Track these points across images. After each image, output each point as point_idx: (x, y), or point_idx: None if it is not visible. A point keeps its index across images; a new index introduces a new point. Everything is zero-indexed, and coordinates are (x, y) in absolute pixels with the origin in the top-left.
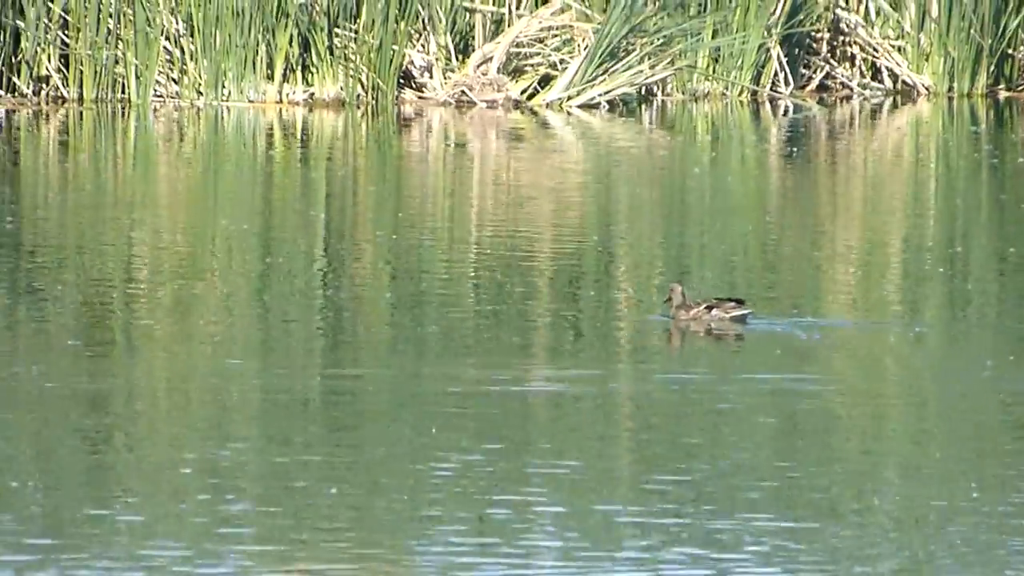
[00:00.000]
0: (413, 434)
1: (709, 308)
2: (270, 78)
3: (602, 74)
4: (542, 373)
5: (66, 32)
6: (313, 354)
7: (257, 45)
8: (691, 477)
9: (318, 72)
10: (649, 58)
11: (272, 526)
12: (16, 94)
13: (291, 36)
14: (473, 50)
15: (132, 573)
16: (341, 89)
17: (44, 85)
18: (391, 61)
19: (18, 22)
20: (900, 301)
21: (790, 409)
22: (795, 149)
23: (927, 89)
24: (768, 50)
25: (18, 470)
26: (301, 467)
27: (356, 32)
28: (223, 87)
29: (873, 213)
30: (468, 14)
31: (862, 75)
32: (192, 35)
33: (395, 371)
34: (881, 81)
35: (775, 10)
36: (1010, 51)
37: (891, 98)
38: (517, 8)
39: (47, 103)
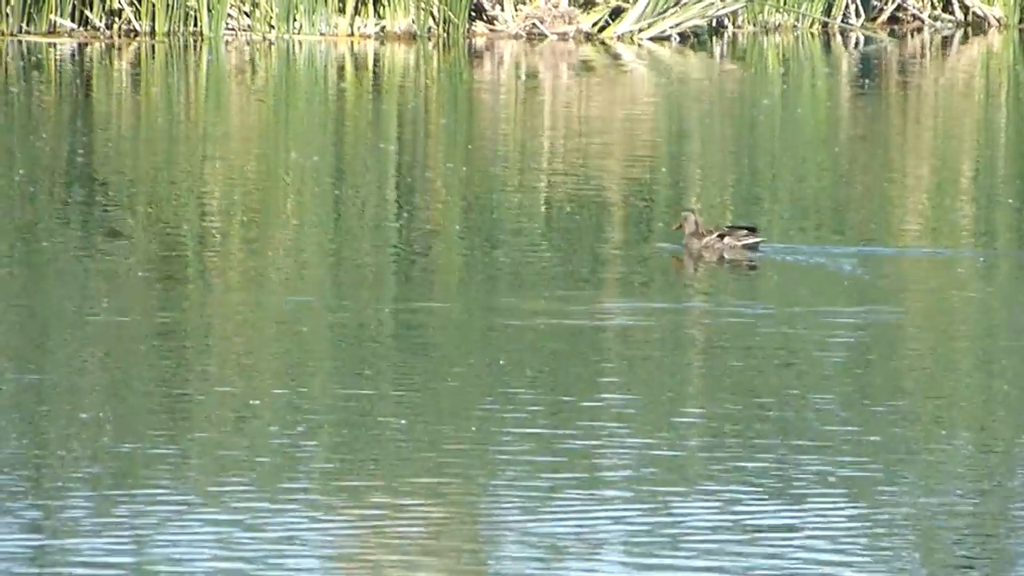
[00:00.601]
0: (483, 367)
1: (721, 236)
2: (342, 11)
3: (673, 6)
4: (606, 306)
5: None
6: (384, 287)
7: None
8: (767, 412)
9: (389, 5)
10: None
11: (343, 461)
12: (89, 27)
13: None
14: None
15: (205, 509)
16: (412, 22)
17: (116, 18)
18: None
19: None
20: (965, 230)
21: (858, 343)
22: (866, 81)
23: (998, 21)
24: None
25: (89, 404)
26: (373, 400)
27: None
28: (295, 20)
29: (943, 144)
30: None
31: (933, 7)
32: None
33: (466, 304)
34: (952, 13)
35: None
36: None
37: (962, 30)
38: None
39: (119, 36)
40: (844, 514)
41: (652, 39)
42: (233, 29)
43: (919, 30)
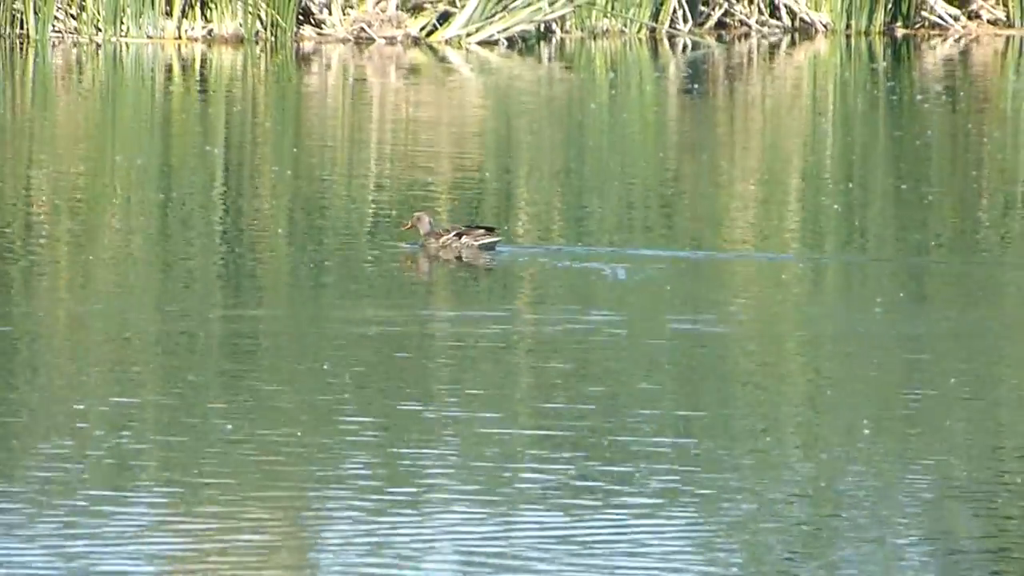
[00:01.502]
0: (307, 373)
1: (459, 235)
2: (169, 14)
3: (501, 11)
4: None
5: None
6: (210, 292)
7: None
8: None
9: (217, 8)
10: None
11: (171, 468)
12: None
13: None
14: None
15: (38, 522)
16: (240, 25)
17: None
18: None
19: None
20: (783, 234)
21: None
22: (694, 86)
23: (825, 27)
24: None
25: None
26: (197, 407)
27: None
28: (122, 23)
29: (769, 149)
30: None
31: (760, 13)
32: None
33: (290, 310)
34: (779, 19)
35: None
36: None
37: (789, 36)
38: None
39: None
40: (672, 525)
41: (480, 44)
42: (60, 31)
43: (747, 36)
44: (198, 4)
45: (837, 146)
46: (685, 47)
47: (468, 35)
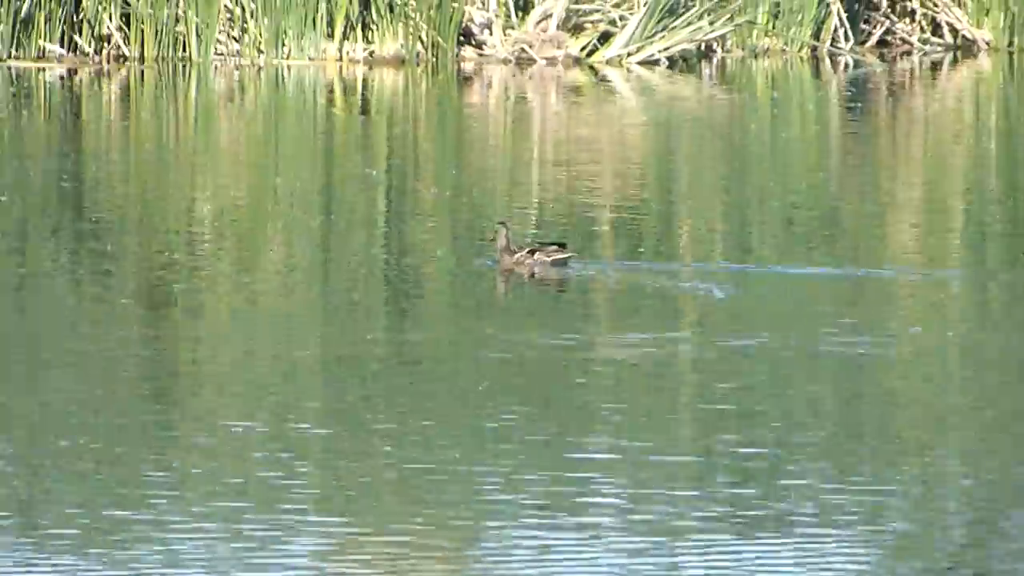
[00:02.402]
0: (466, 397)
1: (531, 252)
2: (330, 36)
3: (661, 30)
4: (602, 337)
5: None
6: (373, 316)
7: (317, 3)
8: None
9: (378, 29)
10: (709, 14)
11: (331, 491)
12: (78, 53)
13: None
14: (532, 7)
15: (194, 541)
16: (401, 47)
17: (105, 44)
18: (451, 18)
19: None
20: (943, 252)
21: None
22: (856, 105)
23: (987, 44)
24: (828, 5)
25: (78, 431)
26: (360, 432)
27: None
28: (283, 45)
29: (932, 167)
30: None
31: (922, 30)
32: None
33: (452, 334)
34: (941, 36)
35: None
36: None
37: (951, 53)
38: None
39: (108, 62)
40: (831, 548)
41: (641, 63)
42: (222, 54)
43: (908, 54)
44: (359, 26)
45: (1001, 163)
46: (847, 65)
47: (629, 55)
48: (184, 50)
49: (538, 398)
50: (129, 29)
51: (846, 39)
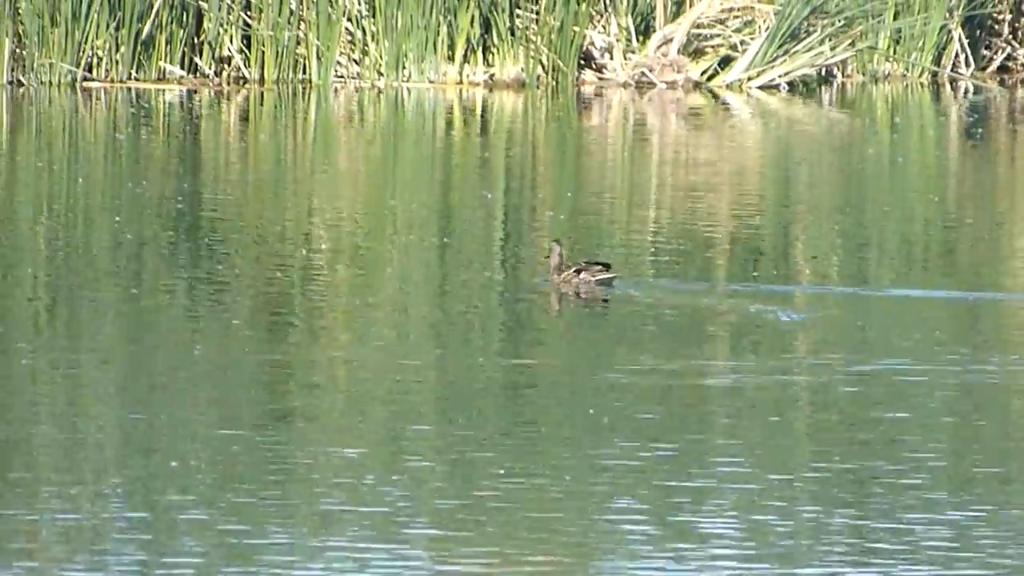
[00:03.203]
0: (584, 423)
1: (578, 271)
2: (451, 59)
3: (782, 55)
4: (718, 364)
5: (248, 13)
6: (488, 339)
7: (438, 26)
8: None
9: (499, 53)
10: (830, 39)
11: (444, 519)
12: (198, 75)
13: (472, 17)
14: (654, 31)
15: (307, 566)
16: (521, 70)
17: (226, 66)
18: (572, 42)
19: (201, 3)
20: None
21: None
22: (976, 130)
23: None
24: (949, 31)
25: (190, 451)
26: (470, 456)
27: (537, 13)
28: (404, 68)
29: None
30: None
31: None
32: (374, 16)
33: (567, 358)
34: None
35: None
36: None
37: None
38: None
39: (228, 84)
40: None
41: (761, 88)
42: (342, 76)
43: None
44: (480, 49)
45: None
46: (967, 91)
47: (749, 79)
48: (304, 72)
49: (658, 425)
50: (250, 51)
51: (967, 65)
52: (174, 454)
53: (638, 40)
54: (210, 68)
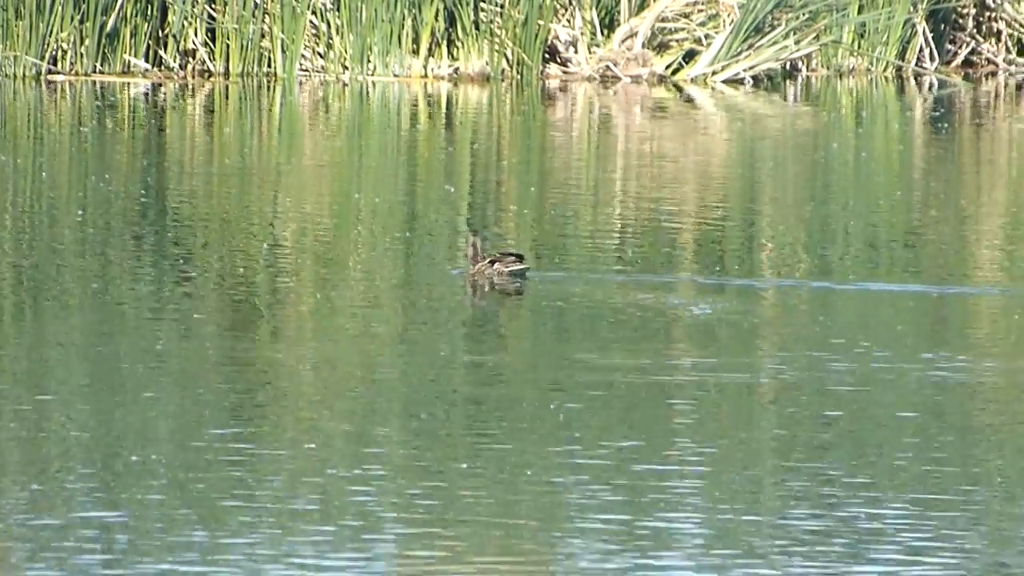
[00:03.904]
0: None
1: (492, 262)
2: (415, 52)
3: (747, 49)
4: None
5: (213, 6)
6: (453, 334)
7: (403, 19)
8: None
9: (463, 47)
10: (794, 33)
11: (416, 512)
12: (163, 68)
13: (437, 10)
14: (618, 25)
15: (278, 559)
16: (486, 64)
17: (191, 59)
18: (536, 36)
19: None
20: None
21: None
22: (941, 125)
23: None
24: (914, 25)
25: (157, 448)
26: (436, 457)
27: (501, 7)
28: (368, 61)
29: (1016, 188)
30: None
31: (1008, 51)
32: (338, 9)
33: (530, 355)
34: None
35: None
36: None
37: None
38: None
39: (193, 77)
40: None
41: (726, 82)
42: (307, 70)
43: (993, 74)
44: (445, 42)
45: None
46: (931, 85)
47: (714, 73)
48: (269, 66)
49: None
50: (214, 44)
51: (931, 59)
52: (137, 451)
53: (603, 34)
54: (175, 61)
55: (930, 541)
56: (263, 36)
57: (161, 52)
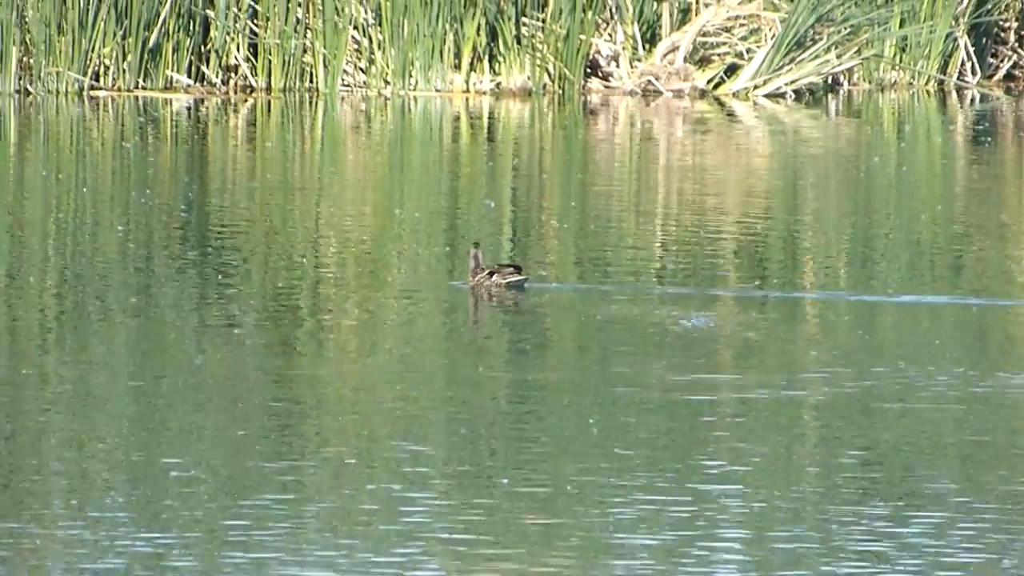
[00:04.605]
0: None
1: (490, 273)
2: (457, 67)
3: (788, 63)
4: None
5: (255, 22)
6: (493, 349)
7: (445, 34)
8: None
9: (505, 61)
10: (836, 47)
11: (451, 520)
12: (205, 83)
13: (479, 25)
14: (660, 39)
15: (316, 568)
16: (528, 78)
17: (233, 74)
18: (578, 50)
19: (208, 12)
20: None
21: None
22: (982, 139)
23: None
24: (955, 39)
25: (197, 460)
26: (478, 466)
27: (543, 21)
28: (410, 76)
29: None
30: (655, 3)
31: None
32: (380, 24)
33: (575, 371)
34: None
35: None
36: None
37: None
38: None
39: (235, 92)
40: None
41: (767, 96)
42: (349, 85)
43: None
44: (487, 57)
45: None
46: (973, 99)
47: (755, 87)
48: (311, 81)
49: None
50: (256, 60)
51: (973, 73)
52: (178, 467)
53: (644, 48)
54: (217, 77)
55: (971, 558)
56: (305, 51)
57: (203, 68)
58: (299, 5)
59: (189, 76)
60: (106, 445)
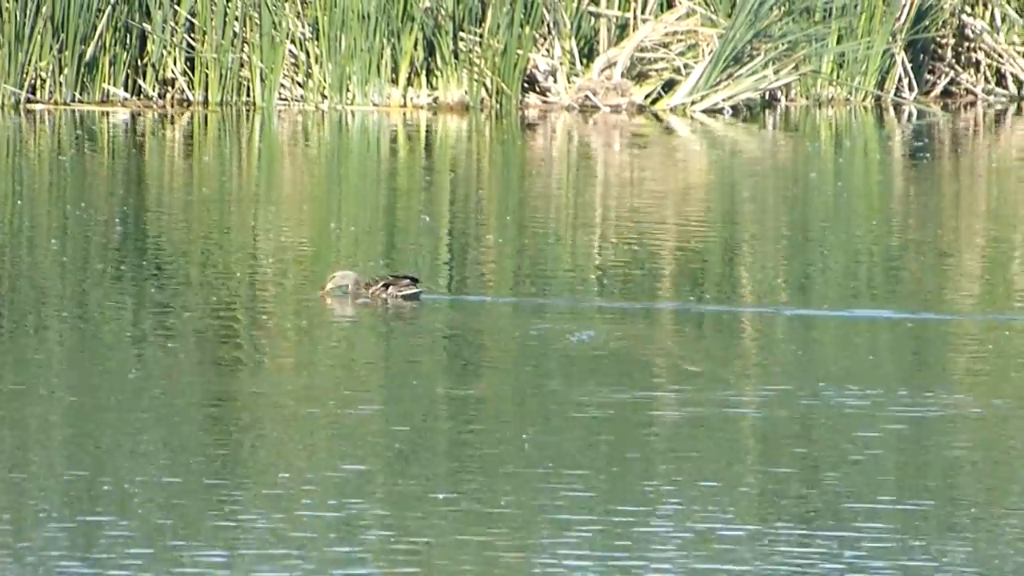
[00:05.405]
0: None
1: (386, 286)
2: (394, 82)
3: (726, 79)
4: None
5: (192, 35)
6: (432, 367)
7: (382, 49)
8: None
9: (442, 76)
10: (773, 63)
11: (394, 539)
12: (142, 97)
13: (416, 40)
14: (597, 55)
15: None
16: (465, 93)
17: (169, 88)
18: (515, 65)
19: (145, 25)
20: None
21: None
22: (919, 155)
23: None
24: (893, 55)
25: (131, 475)
26: (419, 481)
27: (481, 36)
28: (348, 90)
29: (995, 217)
30: (593, 19)
31: (987, 81)
32: (318, 39)
33: (511, 387)
34: (1006, 87)
35: (900, 16)
36: None
37: (1016, 104)
38: (642, 13)
39: (172, 106)
40: None
41: (705, 111)
42: (286, 99)
43: (972, 104)
44: (424, 72)
45: None
46: (910, 115)
47: (693, 103)
48: (248, 95)
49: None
50: (193, 73)
51: (910, 89)
52: (114, 483)
53: (582, 63)
54: (154, 90)
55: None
56: (242, 65)
57: (140, 81)
58: (236, 19)
59: (126, 90)
60: (39, 459)
